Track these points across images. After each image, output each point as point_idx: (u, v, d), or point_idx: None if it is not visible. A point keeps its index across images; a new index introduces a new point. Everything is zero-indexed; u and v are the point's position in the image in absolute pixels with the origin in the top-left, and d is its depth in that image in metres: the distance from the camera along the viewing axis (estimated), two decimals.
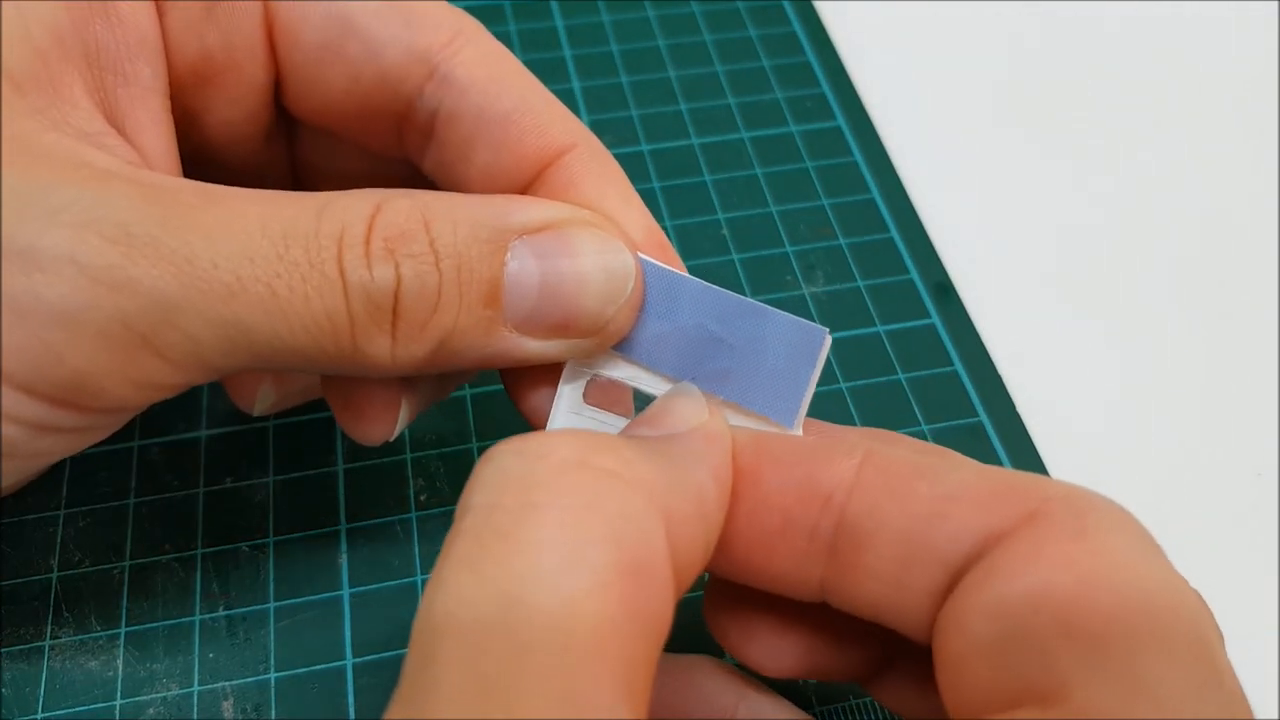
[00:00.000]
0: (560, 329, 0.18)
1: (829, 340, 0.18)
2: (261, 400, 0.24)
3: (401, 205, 0.17)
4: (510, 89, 0.20)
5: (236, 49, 0.20)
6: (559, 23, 0.38)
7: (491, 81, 0.20)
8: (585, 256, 0.18)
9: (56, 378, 0.16)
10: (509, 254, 0.17)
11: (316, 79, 0.20)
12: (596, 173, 0.20)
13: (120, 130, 0.18)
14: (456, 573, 0.13)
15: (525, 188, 0.20)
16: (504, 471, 0.14)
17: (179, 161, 0.20)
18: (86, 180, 0.16)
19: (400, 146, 0.21)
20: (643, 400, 0.19)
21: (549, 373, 0.20)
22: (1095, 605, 0.14)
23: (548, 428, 0.19)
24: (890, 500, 0.16)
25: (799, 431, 0.18)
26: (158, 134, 0.19)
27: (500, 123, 0.20)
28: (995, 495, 0.16)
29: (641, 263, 0.19)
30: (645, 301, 0.19)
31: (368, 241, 0.17)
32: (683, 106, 0.36)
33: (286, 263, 0.16)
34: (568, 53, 0.37)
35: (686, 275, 0.19)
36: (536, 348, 0.18)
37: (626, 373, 0.19)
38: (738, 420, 0.18)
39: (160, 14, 0.19)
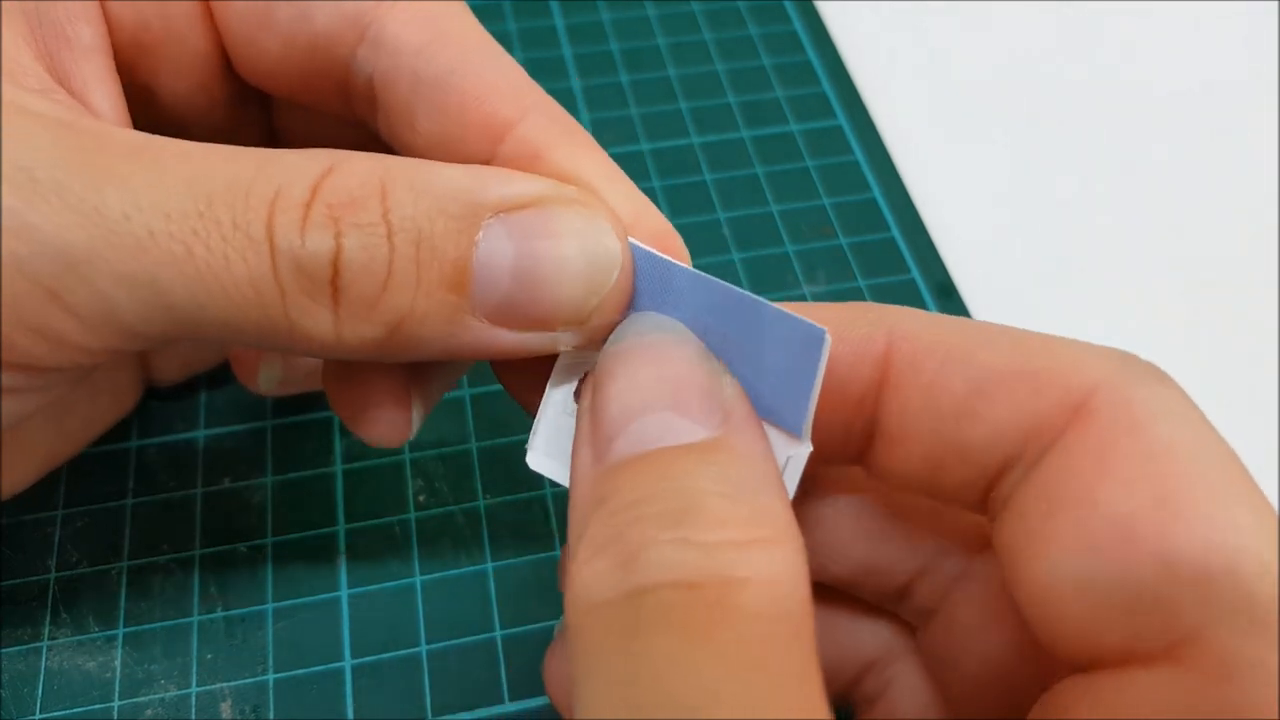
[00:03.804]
0: (538, 321, 0.16)
1: (829, 341, 0.16)
2: (265, 378, 0.23)
3: (358, 168, 0.15)
4: (448, 49, 0.18)
5: (173, 17, 0.19)
6: (559, 21, 0.38)
7: (426, 42, 0.18)
8: (566, 238, 0.16)
9: None
10: (480, 233, 0.15)
11: (252, 45, 0.19)
12: (565, 142, 0.18)
13: (67, 89, 0.18)
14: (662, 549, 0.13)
15: (484, 160, 0.18)
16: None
17: (129, 121, 0.19)
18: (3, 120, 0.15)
19: (351, 112, 0.20)
20: None
21: (543, 363, 0.18)
22: (1194, 537, 0.13)
23: (533, 432, 0.18)
24: (918, 399, 0.16)
25: (808, 443, 0.16)
26: (105, 94, 0.18)
27: (437, 87, 0.18)
28: (1029, 386, 0.15)
29: (631, 248, 0.17)
30: (637, 291, 0.17)
31: (308, 205, 0.15)
32: (683, 105, 0.36)
33: (207, 220, 0.15)
34: (567, 51, 0.37)
35: (676, 263, 0.17)
36: (512, 340, 0.16)
37: None
38: None
39: None
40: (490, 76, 0.18)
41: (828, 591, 0.19)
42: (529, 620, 0.25)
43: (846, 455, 0.17)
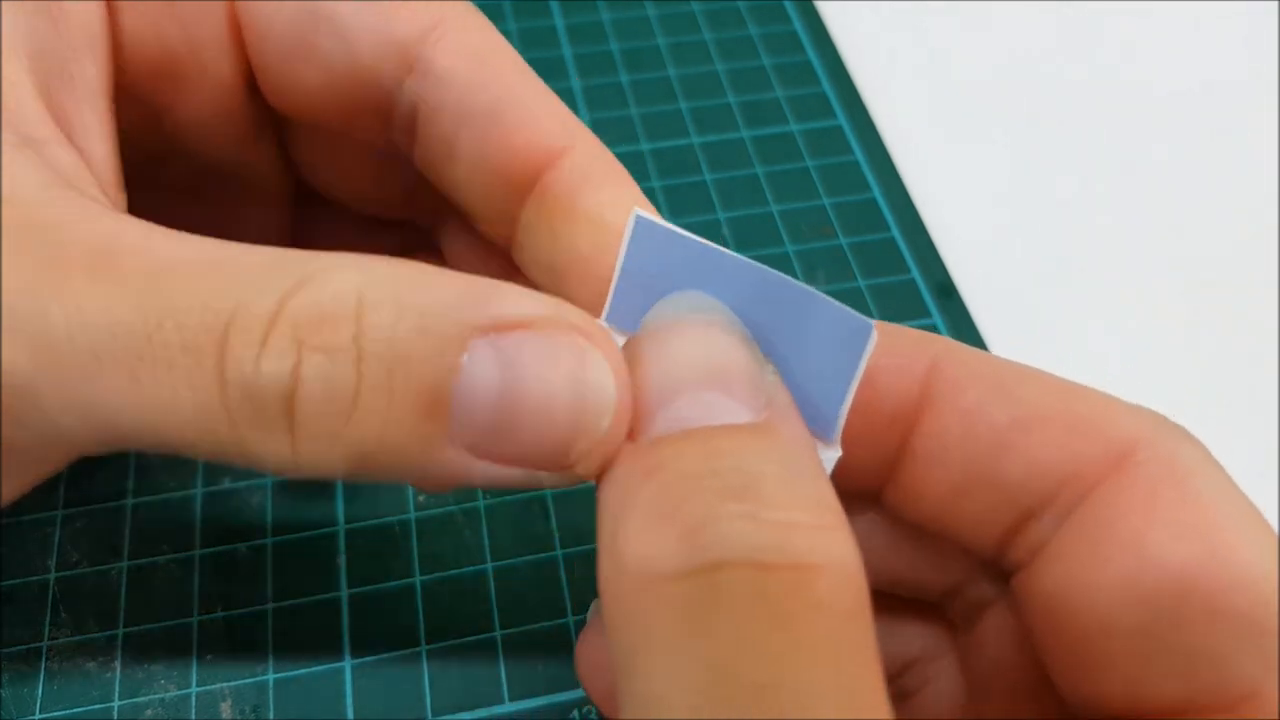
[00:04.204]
0: (518, 458, 0.14)
1: (875, 336, 0.15)
2: None
3: (334, 280, 0.14)
4: (496, 80, 0.18)
5: (202, 46, 0.19)
6: (559, 21, 0.38)
7: (475, 73, 0.18)
8: (557, 371, 0.14)
9: None
10: (466, 356, 0.14)
11: (289, 74, 0.19)
12: (609, 181, 0.18)
13: (66, 134, 0.17)
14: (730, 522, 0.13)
15: (523, 191, 0.18)
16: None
17: (119, 167, 0.18)
18: None
19: (389, 143, 0.20)
20: None
21: None
22: (1246, 587, 0.13)
23: None
24: (957, 424, 0.15)
25: (838, 447, 0.16)
26: (102, 137, 0.17)
27: (484, 117, 0.18)
28: (1072, 430, 0.15)
29: (660, 229, 0.16)
30: (667, 274, 0.16)
31: (270, 325, 0.13)
32: (683, 105, 0.36)
33: (155, 344, 0.13)
34: (567, 51, 0.37)
35: (709, 243, 0.16)
36: (492, 473, 0.14)
37: None
38: None
39: (114, 12, 0.18)
40: (537, 109, 0.18)
41: (872, 590, 0.19)
42: (529, 620, 0.25)
43: (868, 481, 0.17)
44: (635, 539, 0.13)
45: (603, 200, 0.17)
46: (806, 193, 0.34)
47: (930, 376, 0.16)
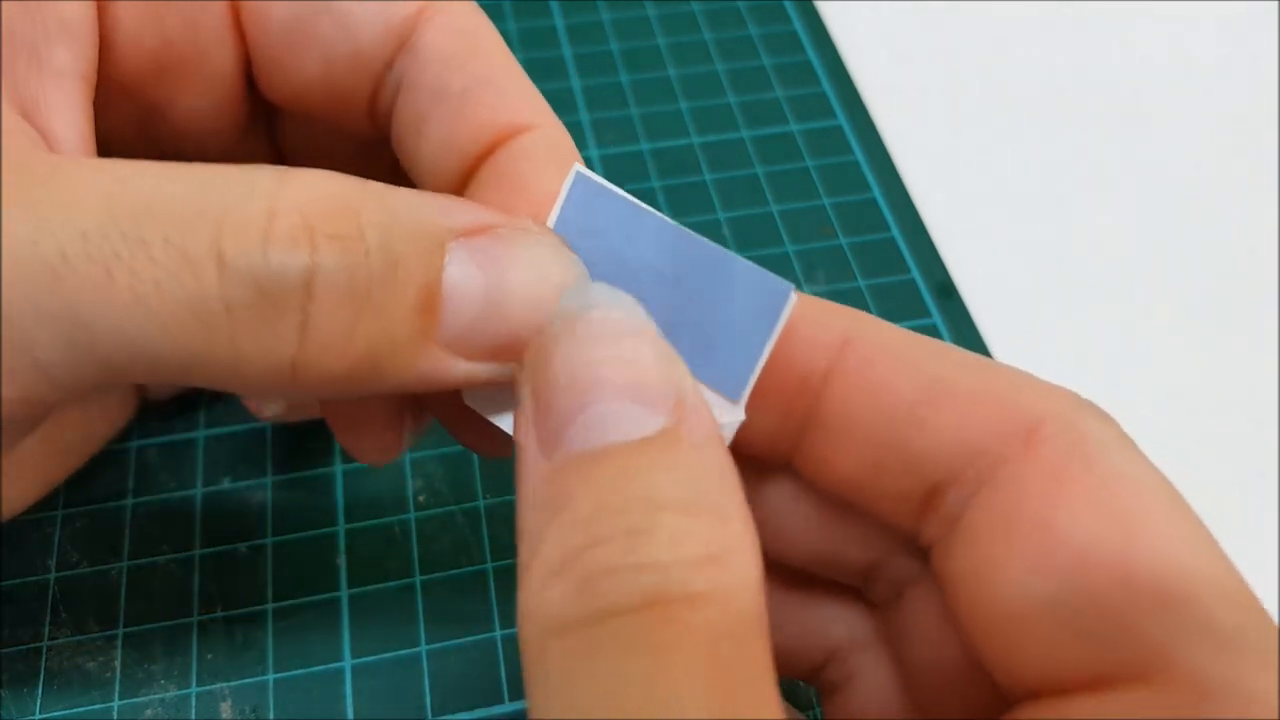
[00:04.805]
0: (500, 350, 0.15)
1: (794, 298, 0.15)
2: (271, 402, 0.24)
3: (315, 180, 0.14)
4: (475, 61, 0.18)
5: (201, 36, 0.19)
6: (559, 21, 0.38)
7: (456, 52, 0.18)
8: (534, 266, 0.15)
9: None
10: (448, 256, 0.14)
11: (287, 62, 0.19)
12: (555, 161, 0.18)
13: (30, 114, 0.16)
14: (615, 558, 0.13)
15: (474, 164, 0.18)
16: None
17: (94, 148, 0.18)
18: None
19: (373, 128, 0.20)
20: None
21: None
22: (1153, 560, 0.13)
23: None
24: (865, 396, 0.16)
25: (743, 411, 0.16)
26: (72, 119, 0.17)
27: (457, 96, 0.18)
28: (980, 405, 0.15)
29: (597, 186, 0.16)
30: (591, 229, 0.16)
31: (273, 213, 0.13)
32: (683, 105, 0.36)
33: (131, 240, 0.13)
34: (567, 51, 0.37)
35: (640, 204, 0.16)
36: (463, 370, 0.15)
37: None
38: None
39: (109, 10, 0.18)
40: (508, 91, 0.18)
41: (792, 572, 0.19)
42: None
43: (777, 449, 0.17)
44: (537, 588, 0.13)
45: (542, 177, 0.17)
46: (806, 193, 0.34)
47: (841, 349, 0.16)
